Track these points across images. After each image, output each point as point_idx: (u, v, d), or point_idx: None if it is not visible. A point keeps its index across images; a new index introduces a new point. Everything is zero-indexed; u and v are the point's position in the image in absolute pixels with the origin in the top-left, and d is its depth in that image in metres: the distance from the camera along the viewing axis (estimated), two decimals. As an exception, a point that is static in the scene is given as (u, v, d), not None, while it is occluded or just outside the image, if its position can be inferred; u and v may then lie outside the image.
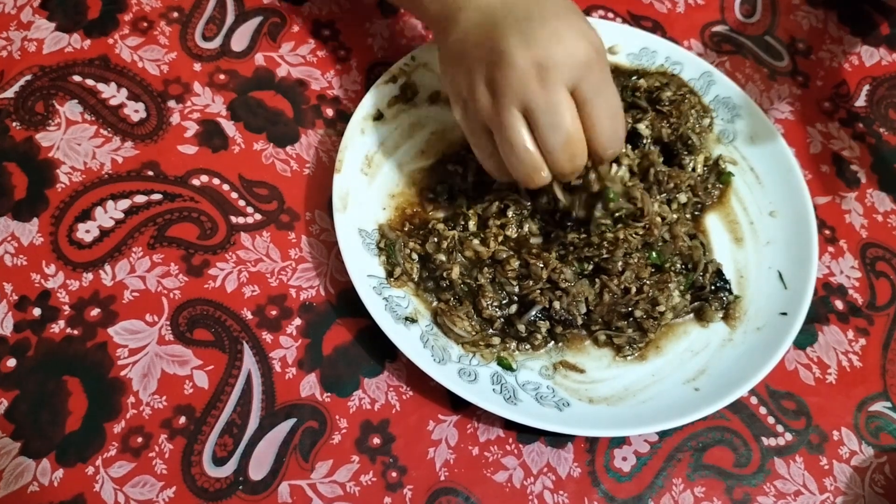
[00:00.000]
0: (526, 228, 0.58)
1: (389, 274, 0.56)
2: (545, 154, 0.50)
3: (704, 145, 0.64)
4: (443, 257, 0.56)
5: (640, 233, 0.56)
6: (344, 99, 0.65)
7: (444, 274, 0.56)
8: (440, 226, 0.57)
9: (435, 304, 0.56)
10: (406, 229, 0.59)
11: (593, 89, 0.49)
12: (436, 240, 0.57)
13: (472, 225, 0.58)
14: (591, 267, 0.56)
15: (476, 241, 0.57)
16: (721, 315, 0.59)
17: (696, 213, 0.63)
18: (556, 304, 0.55)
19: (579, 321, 0.55)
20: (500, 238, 0.57)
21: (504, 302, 0.56)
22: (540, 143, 0.50)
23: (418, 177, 0.62)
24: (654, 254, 0.57)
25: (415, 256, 0.57)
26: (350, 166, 0.59)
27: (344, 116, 0.64)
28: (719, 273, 0.59)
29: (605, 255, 0.56)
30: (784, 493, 0.54)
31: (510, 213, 0.57)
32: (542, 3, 0.51)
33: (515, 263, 0.56)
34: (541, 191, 0.55)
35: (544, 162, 0.50)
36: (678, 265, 0.58)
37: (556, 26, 0.49)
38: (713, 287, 0.59)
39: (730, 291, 0.59)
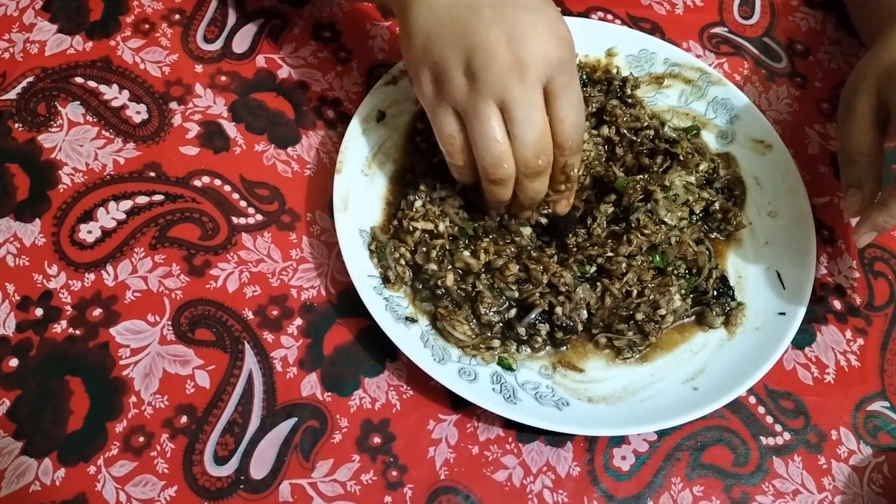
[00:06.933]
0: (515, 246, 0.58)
1: (385, 279, 0.56)
2: (514, 147, 0.51)
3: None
4: (434, 266, 0.56)
5: (647, 232, 0.56)
6: (344, 100, 0.66)
7: (439, 282, 0.56)
8: (418, 224, 0.56)
9: (433, 310, 0.56)
10: (392, 232, 0.58)
11: (563, 86, 0.51)
12: (424, 249, 0.56)
13: (446, 229, 0.57)
14: (593, 269, 0.56)
15: (466, 253, 0.56)
16: (722, 321, 0.58)
17: (720, 234, 0.62)
18: (559, 310, 0.55)
19: (580, 327, 0.55)
20: (493, 251, 0.56)
21: (503, 308, 0.56)
22: (511, 136, 0.51)
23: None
24: (657, 257, 0.57)
25: (403, 262, 0.56)
26: (351, 167, 0.59)
27: (344, 118, 0.64)
28: (723, 279, 0.59)
29: (610, 254, 0.56)
30: (782, 493, 0.54)
31: (490, 245, 0.57)
32: None
33: (515, 268, 0.56)
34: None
35: (511, 155, 0.52)
36: (681, 269, 0.58)
37: (534, 21, 0.50)
38: (716, 293, 0.59)
39: (732, 298, 0.59)
